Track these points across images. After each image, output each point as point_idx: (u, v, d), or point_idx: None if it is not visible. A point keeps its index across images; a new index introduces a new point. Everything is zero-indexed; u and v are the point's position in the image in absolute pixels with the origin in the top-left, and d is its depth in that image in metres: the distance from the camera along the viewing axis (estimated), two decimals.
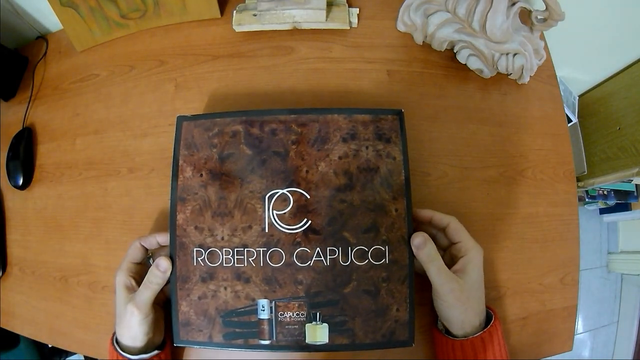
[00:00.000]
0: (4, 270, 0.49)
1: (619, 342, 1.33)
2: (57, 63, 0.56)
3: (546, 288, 0.42)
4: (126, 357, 0.34)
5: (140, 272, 0.37)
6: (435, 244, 0.35)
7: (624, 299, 1.35)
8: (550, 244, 0.43)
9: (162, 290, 0.36)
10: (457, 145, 0.44)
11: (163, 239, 0.37)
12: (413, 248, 0.35)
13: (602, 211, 1.36)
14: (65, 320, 0.45)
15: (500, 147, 0.45)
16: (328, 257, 0.35)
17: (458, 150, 0.44)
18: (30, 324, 0.47)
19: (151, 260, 0.38)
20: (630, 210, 1.24)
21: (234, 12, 0.49)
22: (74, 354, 0.81)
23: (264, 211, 0.36)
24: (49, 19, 0.57)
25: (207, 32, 0.51)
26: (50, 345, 0.46)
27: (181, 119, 0.38)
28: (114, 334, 0.36)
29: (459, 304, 0.33)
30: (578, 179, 1.00)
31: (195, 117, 0.38)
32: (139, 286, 0.35)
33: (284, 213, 0.36)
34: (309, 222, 0.35)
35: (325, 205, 0.36)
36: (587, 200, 1.22)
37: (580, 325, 1.32)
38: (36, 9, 0.56)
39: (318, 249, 0.35)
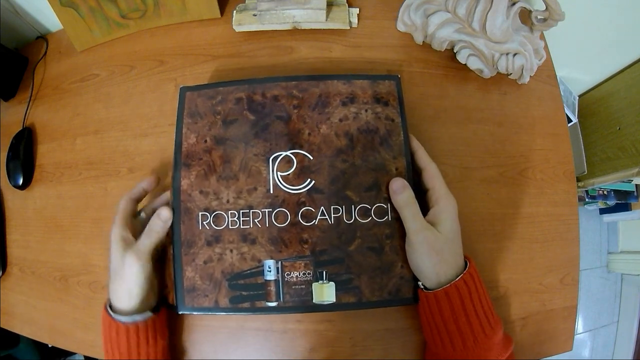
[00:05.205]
0: (4, 270, 0.49)
1: (619, 342, 1.33)
2: (57, 63, 0.56)
3: (546, 288, 0.42)
4: (119, 321, 0.33)
5: (134, 226, 0.37)
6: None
7: (624, 299, 1.35)
8: (550, 244, 0.43)
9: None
10: (457, 145, 0.44)
11: (147, 183, 0.38)
12: (390, 192, 0.35)
13: (602, 211, 1.36)
14: (65, 320, 0.45)
15: (500, 147, 0.45)
16: (332, 215, 0.35)
17: (458, 150, 0.44)
18: (30, 324, 0.47)
19: (142, 214, 0.38)
20: (630, 210, 1.24)
21: (234, 12, 0.49)
22: (74, 354, 0.81)
23: (269, 173, 0.36)
24: (49, 19, 0.57)
25: (207, 32, 0.51)
26: (50, 345, 0.46)
27: (184, 90, 0.39)
28: (108, 300, 0.35)
29: (432, 253, 0.32)
30: (578, 179, 1.00)
31: (198, 87, 0.39)
32: (135, 240, 0.35)
33: (288, 174, 0.36)
34: (313, 182, 0.36)
35: (327, 166, 0.36)
36: (587, 200, 1.22)
37: (580, 325, 1.32)
38: (36, 9, 0.56)
39: (322, 207, 0.36)
